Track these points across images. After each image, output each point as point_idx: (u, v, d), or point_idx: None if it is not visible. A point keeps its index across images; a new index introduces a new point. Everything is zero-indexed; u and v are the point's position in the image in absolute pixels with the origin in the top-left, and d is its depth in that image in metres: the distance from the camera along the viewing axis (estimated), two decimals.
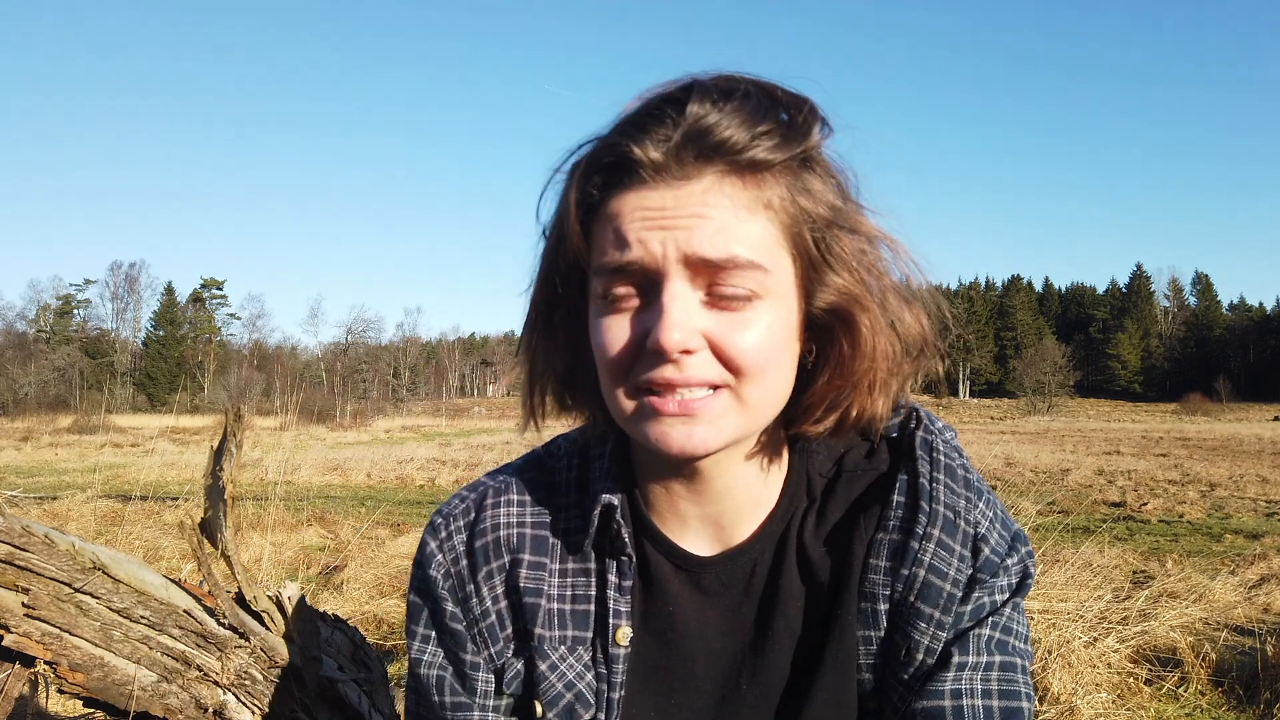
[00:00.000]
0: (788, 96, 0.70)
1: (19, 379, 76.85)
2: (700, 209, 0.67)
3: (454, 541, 0.85)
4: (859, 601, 0.79)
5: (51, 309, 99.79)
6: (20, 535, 1.35)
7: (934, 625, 0.76)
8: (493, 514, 0.85)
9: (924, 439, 0.81)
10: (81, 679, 1.37)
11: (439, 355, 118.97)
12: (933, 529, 0.77)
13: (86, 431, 32.54)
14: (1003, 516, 0.82)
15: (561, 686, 0.81)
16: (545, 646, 0.82)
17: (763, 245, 0.68)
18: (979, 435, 29.74)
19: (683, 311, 0.67)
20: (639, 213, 0.68)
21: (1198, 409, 69.91)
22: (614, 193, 0.69)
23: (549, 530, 0.85)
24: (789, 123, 0.69)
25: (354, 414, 52.89)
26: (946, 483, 0.79)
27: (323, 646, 1.63)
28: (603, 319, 0.72)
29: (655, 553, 0.83)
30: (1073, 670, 3.20)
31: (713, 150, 0.66)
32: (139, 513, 7.00)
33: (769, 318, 0.70)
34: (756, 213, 0.68)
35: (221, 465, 1.64)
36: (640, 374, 0.70)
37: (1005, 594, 0.79)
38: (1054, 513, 8.30)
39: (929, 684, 0.76)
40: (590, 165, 0.70)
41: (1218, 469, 14.70)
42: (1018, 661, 0.78)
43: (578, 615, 0.83)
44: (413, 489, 12.93)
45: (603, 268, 0.70)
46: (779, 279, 0.70)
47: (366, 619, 4.40)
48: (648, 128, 0.67)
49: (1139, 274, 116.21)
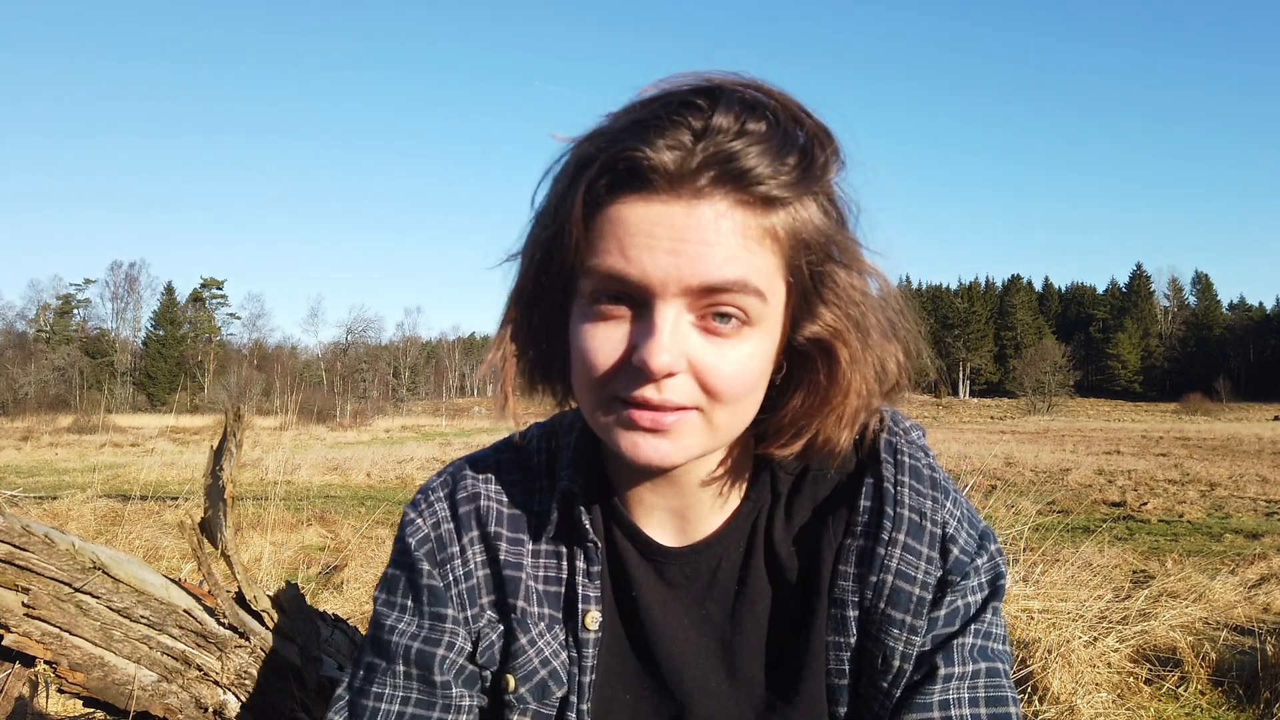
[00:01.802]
0: (813, 126, 0.68)
1: (19, 379, 76.82)
2: (710, 235, 0.65)
3: (434, 508, 0.86)
4: (829, 608, 0.79)
5: (51, 309, 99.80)
6: (20, 535, 1.35)
7: (907, 630, 0.76)
8: (471, 485, 0.86)
9: (888, 441, 0.81)
10: (81, 679, 1.37)
11: (439, 355, 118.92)
12: (898, 534, 0.77)
13: (86, 431, 32.54)
14: (970, 514, 0.81)
15: (538, 662, 0.81)
16: (528, 620, 0.82)
17: (764, 274, 0.67)
18: (979, 435, 29.72)
19: (674, 335, 0.67)
20: (645, 226, 0.65)
21: (1198, 409, 69.94)
22: (620, 195, 0.66)
23: (522, 510, 0.85)
24: (811, 160, 0.67)
25: (354, 414, 52.92)
26: (912, 484, 0.79)
27: (323, 646, 1.63)
28: (589, 325, 0.70)
29: (623, 538, 0.83)
30: (1073, 670, 3.20)
31: (732, 177, 0.64)
32: (139, 512, 7.00)
33: (754, 345, 0.69)
34: (764, 242, 0.67)
35: (221, 465, 1.64)
36: (620, 387, 0.70)
37: (978, 594, 0.79)
38: (1054, 512, 8.29)
39: (916, 696, 0.76)
40: (600, 165, 0.67)
41: (1218, 469, 14.69)
42: (1000, 666, 0.78)
43: (550, 596, 0.83)
44: (413, 489, 12.91)
45: (598, 272, 0.68)
46: (772, 308, 0.69)
47: (366, 619, 4.39)
48: (665, 133, 0.64)
49: (1139, 274, 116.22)
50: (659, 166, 0.64)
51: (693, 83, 0.67)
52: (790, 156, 0.66)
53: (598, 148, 0.67)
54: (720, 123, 0.64)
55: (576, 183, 0.68)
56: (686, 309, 0.67)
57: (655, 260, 0.65)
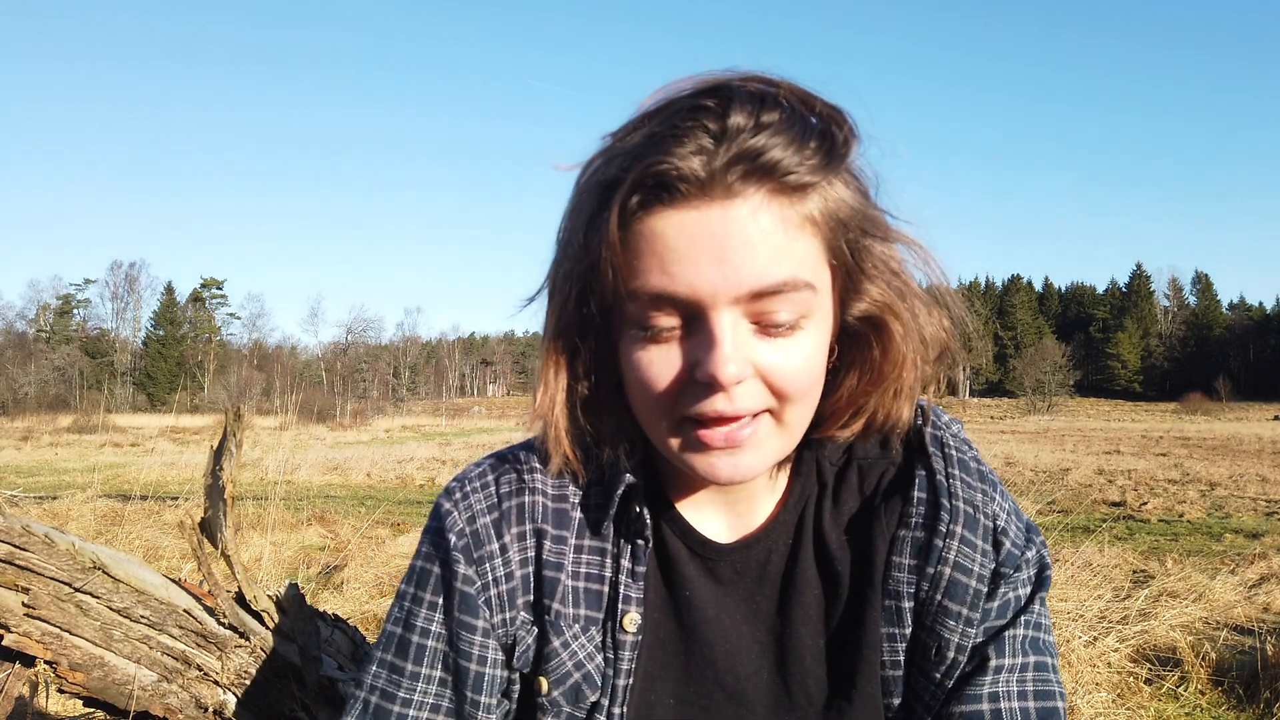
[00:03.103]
0: (826, 109, 0.67)
1: (19, 379, 76.82)
2: (752, 235, 0.64)
3: (470, 501, 0.82)
4: (883, 599, 0.79)
5: (51, 309, 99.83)
6: (20, 535, 1.35)
7: (963, 622, 0.76)
8: (518, 478, 0.82)
9: (933, 435, 0.81)
10: (81, 679, 1.37)
11: (439, 355, 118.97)
12: (955, 526, 0.77)
13: (86, 431, 32.55)
14: (1015, 508, 0.82)
15: (571, 665, 0.79)
16: (561, 623, 0.79)
17: (810, 263, 0.67)
18: (979, 434, 29.72)
19: (734, 343, 0.66)
20: (684, 238, 0.64)
21: (1198, 408, 69.93)
22: (652, 210, 0.65)
23: (569, 505, 0.82)
24: (831, 140, 0.66)
25: (354, 413, 52.94)
26: (963, 477, 0.79)
27: (323, 646, 1.63)
28: (644, 348, 0.69)
29: (673, 535, 0.82)
30: (1073, 669, 3.20)
31: (762, 171, 0.63)
32: (139, 512, 7.00)
33: (815, 338, 0.69)
34: (805, 229, 0.66)
35: (221, 465, 1.64)
36: (688, 405, 0.68)
37: (1027, 587, 0.79)
38: (1054, 512, 8.30)
39: (966, 687, 0.76)
40: (630, 184, 0.64)
41: (1218, 468, 14.69)
42: (1049, 660, 0.78)
43: (591, 595, 0.80)
44: (413, 488, 12.92)
45: (643, 294, 0.66)
46: (822, 296, 0.69)
47: (366, 618, 4.40)
48: (685, 140, 0.63)
49: (1139, 273, 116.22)
50: (688, 174, 0.63)
51: (695, 85, 0.66)
52: (811, 140, 0.65)
53: (620, 168, 0.65)
54: (737, 120, 0.63)
55: (607, 206, 0.66)
56: (742, 315, 0.67)
57: (700, 272, 0.64)
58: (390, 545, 6.39)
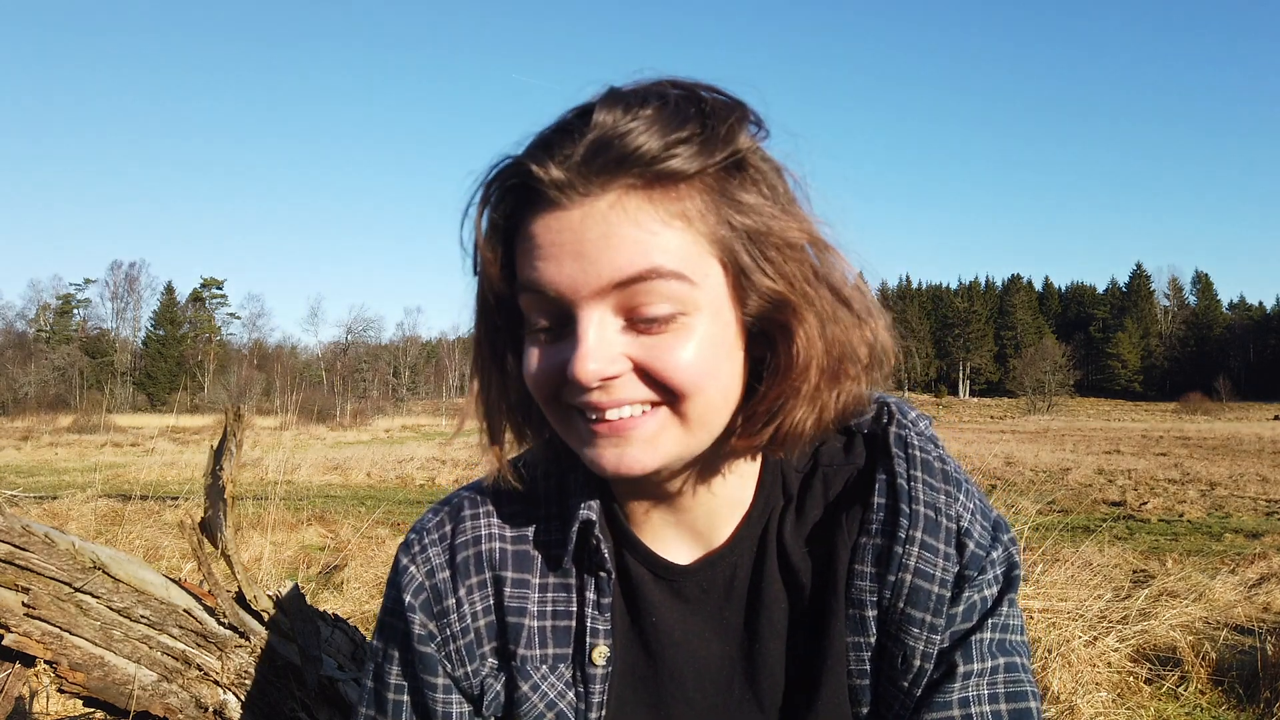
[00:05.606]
0: (715, 101, 0.66)
1: (19, 379, 76.83)
2: (611, 227, 0.63)
3: (429, 554, 0.83)
4: (847, 608, 0.78)
5: (51, 308, 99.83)
6: (20, 535, 1.35)
7: (927, 629, 0.75)
8: (472, 525, 0.83)
9: (898, 435, 0.79)
10: (81, 678, 1.37)
11: (439, 355, 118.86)
12: (916, 531, 0.75)
13: (86, 431, 32.55)
14: (983, 506, 0.80)
15: (543, 706, 0.79)
16: (528, 667, 0.80)
17: (681, 255, 0.65)
18: (979, 434, 29.72)
19: (599, 341, 0.66)
20: (549, 237, 0.65)
21: (1198, 408, 69.94)
22: (526, 214, 0.67)
23: (530, 544, 0.82)
24: (711, 129, 0.64)
25: (354, 413, 52.96)
26: (925, 479, 0.77)
27: (323, 646, 1.63)
28: (528, 349, 0.71)
29: (635, 563, 0.82)
30: (1073, 669, 3.20)
31: (618, 163, 0.63)
32: (139, 512, 7.00)
33: (700, 332, 0.67)
34: (671, 224, 0.64)
35: (221, 465, 1.64)
36: (569, 398, 0.70)
37: (994, 588, 0.78)
38: (1054, 512, 8.30)
39: (935, 695, 0.75)
40: (499, 189, 0.68)
41: (1218, 468, 14.69)
42: (1018, 660, 0.77)
43: (559, 632, 0.81)
44: (413, 488, 12.91)
45: (522, 294, 0.69)
46: (707, 290, 0.67)
47: (366, 618, 4.40)
48: (554, 144, 0.64)
49: (1139, 273, 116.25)
50: (547, 178, 0.64)
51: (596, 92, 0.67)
52: (683, 129, 0.63)
53: (495, 176, 0.69)
54: (601, 118, 0.63)
55: (483, 214, 0.70)
56: (611, 311, 0.66)
57: (561, 268, 0.65)
58: (390, 545, 6.39)
